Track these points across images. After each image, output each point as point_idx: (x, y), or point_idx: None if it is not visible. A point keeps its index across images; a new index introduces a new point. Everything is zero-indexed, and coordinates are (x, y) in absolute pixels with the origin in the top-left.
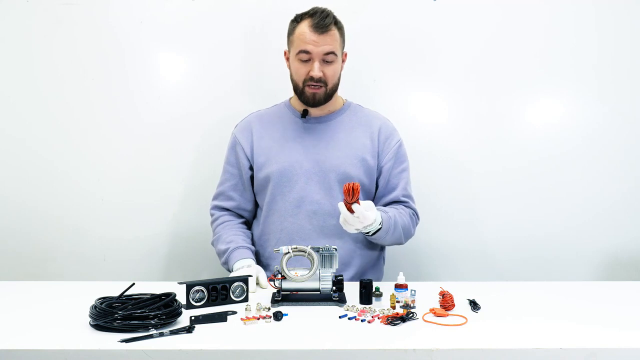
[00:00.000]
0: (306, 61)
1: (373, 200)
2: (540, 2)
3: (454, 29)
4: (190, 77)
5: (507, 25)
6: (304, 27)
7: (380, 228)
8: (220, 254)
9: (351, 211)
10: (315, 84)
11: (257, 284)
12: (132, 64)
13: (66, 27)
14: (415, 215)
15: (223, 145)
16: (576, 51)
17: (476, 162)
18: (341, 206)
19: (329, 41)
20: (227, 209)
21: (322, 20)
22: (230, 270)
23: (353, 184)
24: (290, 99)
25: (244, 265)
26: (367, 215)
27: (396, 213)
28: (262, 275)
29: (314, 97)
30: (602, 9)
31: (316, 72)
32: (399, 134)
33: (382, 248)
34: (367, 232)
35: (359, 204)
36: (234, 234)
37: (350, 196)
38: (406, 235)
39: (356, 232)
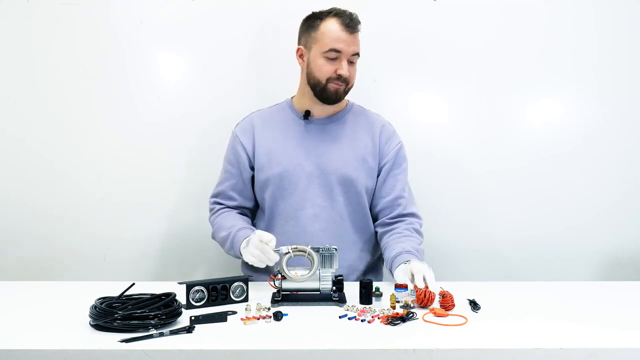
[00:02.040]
0: (333, 59)
1: (371, 202)
2: (540, 2)
3: (454, 29)
4: (190, 77)
5: (507, 25)
6: (333, 25)
7: None
8: (223, 240)
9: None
10: (340, 81)
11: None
12: (132, 64)
13: (66, 27)
14: (420, 229)
15: (223, 145)
16: (576, 51)
17: (476, 162)
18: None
19: (357, 42)
20: (227, 207)
21: (352, 21)
22: (238, 255)
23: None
24: (292, 98)
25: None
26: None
27: (416, 244)
28: (265, 237)
29: (336, 93)
30: (602, 9)
31: (345, 71)
32: (399, 137)
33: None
34: None
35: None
36: (234, 219)
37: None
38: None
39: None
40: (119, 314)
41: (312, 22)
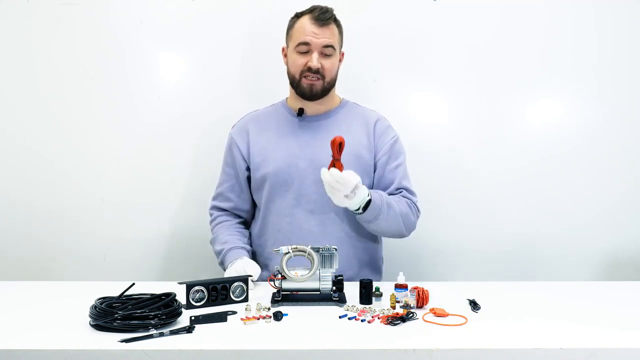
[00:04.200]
0: (305, 53)
1: None
2: (540, 2)
3: (454, 29)
4: (190, 77)
5: (507, 25)
6: (304, 20)
7: (370, 200)
8: (217, 254)
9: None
10: (312, 75)
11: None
12: (132, 64)
13: (66, 27)
14: (413, 206)
15: (222, 145)
16: (576, 51)
17: (476, 162)
18: (323, 173)
19: (328, 34)
20: (224, 210)
21: (322, 14)
22: (224, 270)
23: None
24: (287, 98)
25: (237, 265)
26: (347, 178)
27: (390, 197)
28: (249, 269)
29: (310, 89)
30: (602, 9)
31: (314, 62)
32: (395, 130)
33: (381, 248)
34: (357, 210)
35: (341, 169)
36: (230, 234)
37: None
38: (406, 222)
39: (345, 200)
40: (119, 314)
41: (291, 21)
